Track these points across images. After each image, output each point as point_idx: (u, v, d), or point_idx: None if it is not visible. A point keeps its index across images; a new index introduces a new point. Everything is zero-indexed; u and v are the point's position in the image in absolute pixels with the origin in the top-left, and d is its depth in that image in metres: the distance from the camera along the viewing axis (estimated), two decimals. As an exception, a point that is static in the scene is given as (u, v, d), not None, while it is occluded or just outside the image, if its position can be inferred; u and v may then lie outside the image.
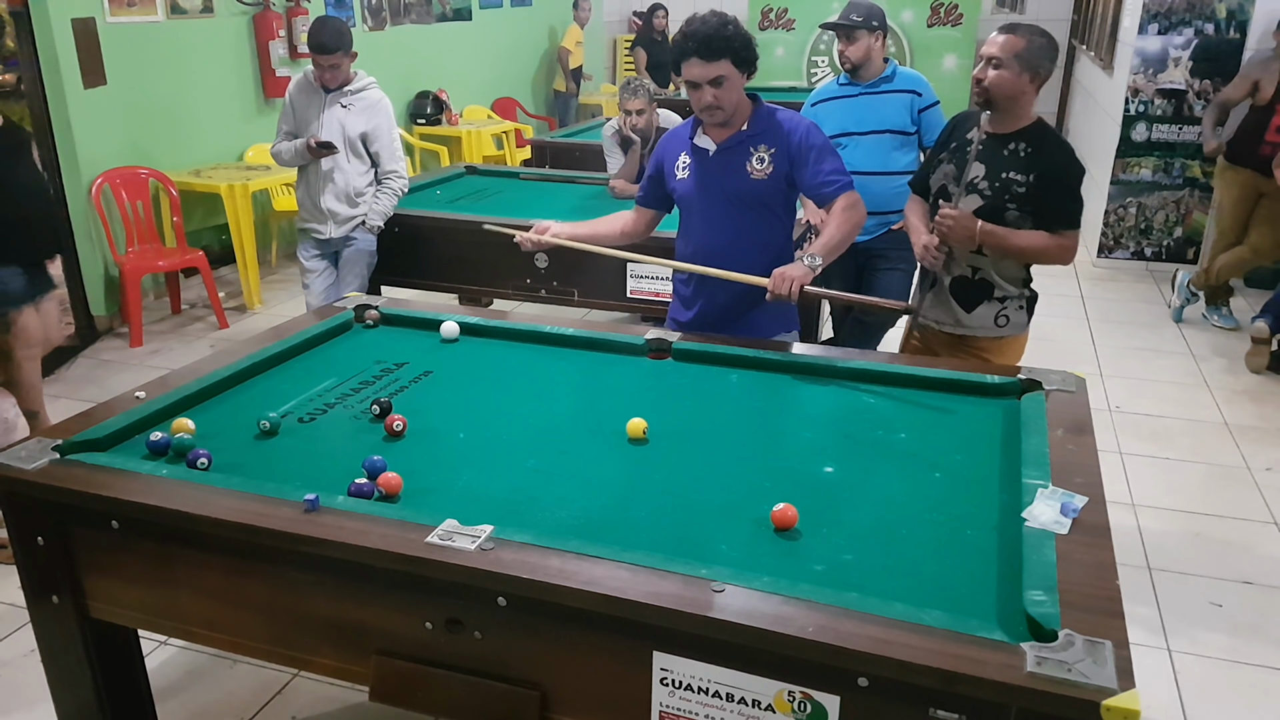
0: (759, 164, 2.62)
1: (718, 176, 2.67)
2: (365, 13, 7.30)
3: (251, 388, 2.39)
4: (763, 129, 2.64)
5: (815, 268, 2.51)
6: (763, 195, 2.64)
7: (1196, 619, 2.91)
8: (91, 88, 5.13)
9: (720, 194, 2.67)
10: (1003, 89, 2.70)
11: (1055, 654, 1.33)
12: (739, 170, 2.63)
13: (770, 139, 2.63)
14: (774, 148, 2.62)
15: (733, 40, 2.50)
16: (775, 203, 2.68)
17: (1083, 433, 2.04)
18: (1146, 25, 6.05)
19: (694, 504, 1.85)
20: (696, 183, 2.71)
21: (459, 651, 1.66)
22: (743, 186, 2.64)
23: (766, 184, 2.63)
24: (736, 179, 2.64)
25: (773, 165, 2.62)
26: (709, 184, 2.68)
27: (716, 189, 2.67)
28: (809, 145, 2.61)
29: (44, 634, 2.01)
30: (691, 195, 2.73)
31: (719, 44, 2.49)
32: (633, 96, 4.36)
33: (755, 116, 2.66)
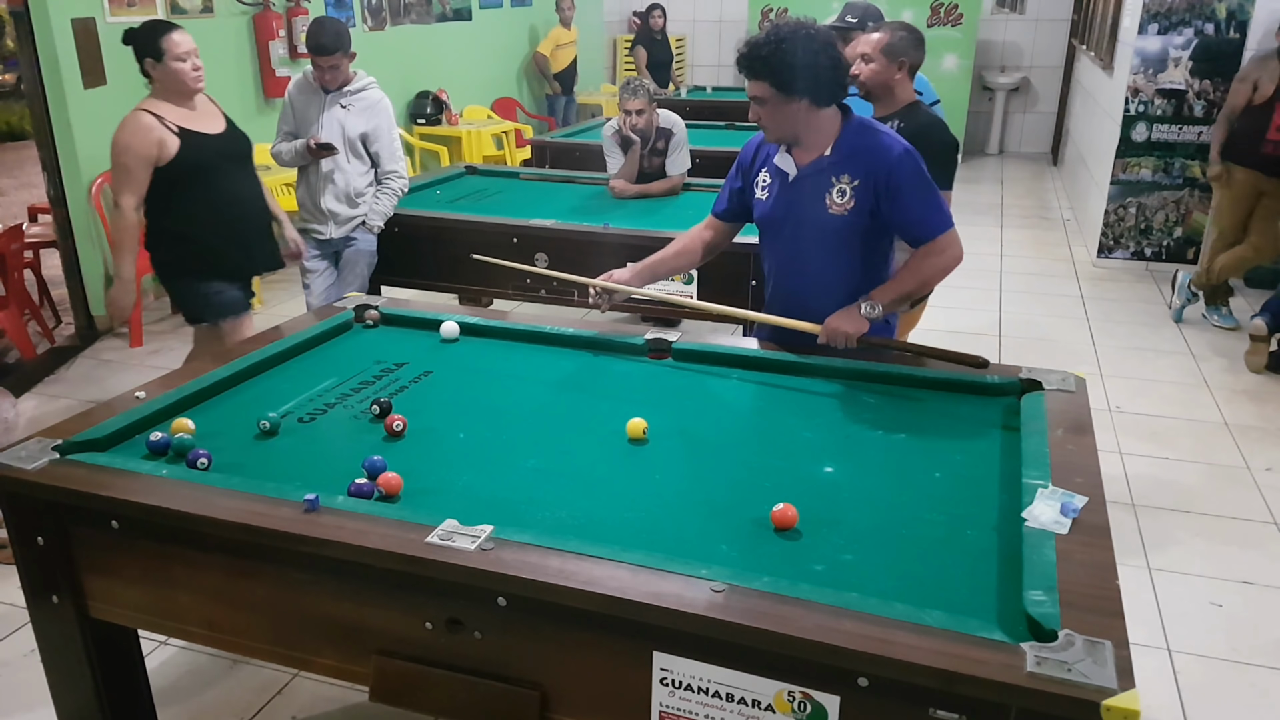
0: (839, 196, 2.36)
1: (796, 205, 2.43)
2: (365, 12, 7.31)
3: (251, 388, 2.39)
4: (849, 154, 2.35)
5: (873, 317, 2.31)
6: (842, 232, 2.39)
7: (1197, 619, 2.91)
8: (91, 88, 5.13)
9: (798, 224, 2.45)
10: (877, 79, 2.99)
11: (1055, 654, 1.33)
12: (818, 201, 2.38)
13: (857, 168, 2.34)
14: (858, 179, 2.33)
15: (769, 60, 2.24)
16: (856, 240, 2.41)
17: (1083, 432, 2.04)
18: (1146, 25, 6.05)
19: (694, 504, 1.85)
20: (775, 206, 2.48)
21: (459, 651, 1.66)
22: (820, 220, 2.39)
23: (847, 220, 2.37)
24: (814, 210, 2.39)
25: (854, 199, 2.34)
26: (788, 211, 2.45)
27: (794, 218, 2.45)
28: (899, 178, 2.31)
29: (44, 634, 2.01)
30: (770, 219, 2.52)
31: (756, 63, 2.27)
32: (633, 96, 4.36)
33: (842, 139, 2.36)
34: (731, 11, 11.17)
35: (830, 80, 2.28)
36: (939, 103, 3.86)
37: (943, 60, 9.69)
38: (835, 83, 2.30)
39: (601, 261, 3.83)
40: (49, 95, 5.01)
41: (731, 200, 2.66)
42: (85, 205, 5.15)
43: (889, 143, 2.35)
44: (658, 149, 4.55)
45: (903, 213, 2.33)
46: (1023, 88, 10.43)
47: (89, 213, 5.17)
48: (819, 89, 2.28)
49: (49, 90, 5.00)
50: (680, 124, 4.58)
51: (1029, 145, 10.66)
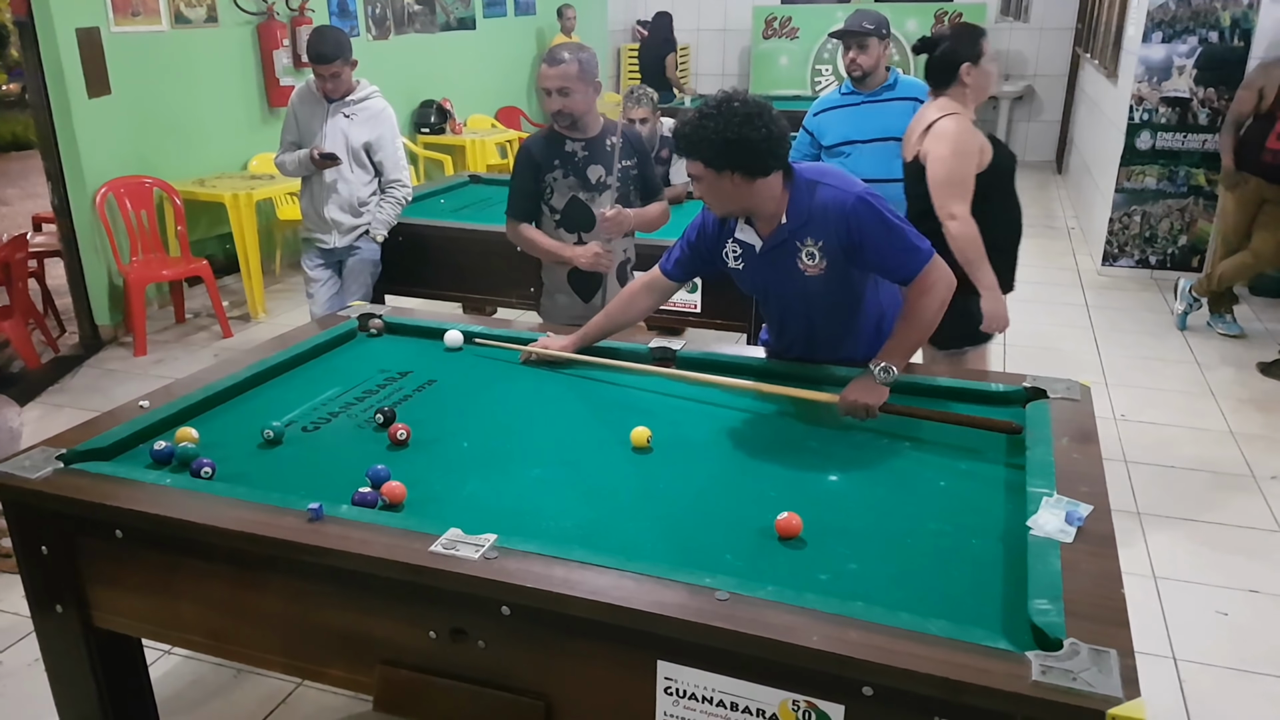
0: (810, 259, 2.31)
1: (772, 274, 2.40)
2: (369, 22, 7.33)
3: (255, 397, 2.39)
4: (806, 218, 2.28)
5: (890, 381, 2.23)
6: (828, 286, 2.35)
7: (1202, 628, 2.90)
8: (96, 97, 5.15)
9: (781, 291, 2.43)
10: (580, 107, 3.10)
11: (1060, 663, 1.33)
12: (791, 269, 2.35)
13: (816, 229, 2.28)
14: (821, 239, 2.28)
15: (692, 138, 2.19)
16: (845, 288, 2.37)
17: (1088, 441, 2.03)
18: (1151, 33, 6.06)
19: (698, 513, 1.85)
20: (753, 277, 2.45)
21: (463, 661, 1.66)
22: (801, 283, 2.36)
23: (825, 277, 2.33)
24: (791, 278, 2.37)
25: (825, 259, 2.30)
26: (767, 281, 2.44)
27: (776, 287, 2.43)
28: (861, 229, 2.23)
29: (48, 644, 2.01)
30: (754, 288, 2.50)
31: (683, 142, 2.22)
32: (636, 105, 4.37)
33: (793, 206, 2.29)
34: (736, 20, 11.21)
35: (763, 151, 2.17)
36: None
37: (946, 68, 9.69)
38: (768, 153, 2.18)
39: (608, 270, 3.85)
40: (53, 105, 5.03)
41: (688, 262, 2.55)
42: (89, 214, 5.17)
43: (840, 196, 2.26)
44: (661, 157, 4.55)
45: (877, 260, 2.28)
46: (1027, 96, 10.44)
47: (93, 222, 5.19)
48: (750, 161, 2.18)
49: (53, 100, 5.02)
50: (684, 133, 4.58)
51: (1033, 153, 10.66)
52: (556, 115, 3.10)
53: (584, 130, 3.16)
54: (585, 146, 3.17)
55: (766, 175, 2.22)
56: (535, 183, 3.19)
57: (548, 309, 3.41)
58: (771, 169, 2.22)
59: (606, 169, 3.15)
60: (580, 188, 3.18)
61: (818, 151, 3.92)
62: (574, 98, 3.06)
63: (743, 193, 2.24)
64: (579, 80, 3.04)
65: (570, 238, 3.22)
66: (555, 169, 3.17)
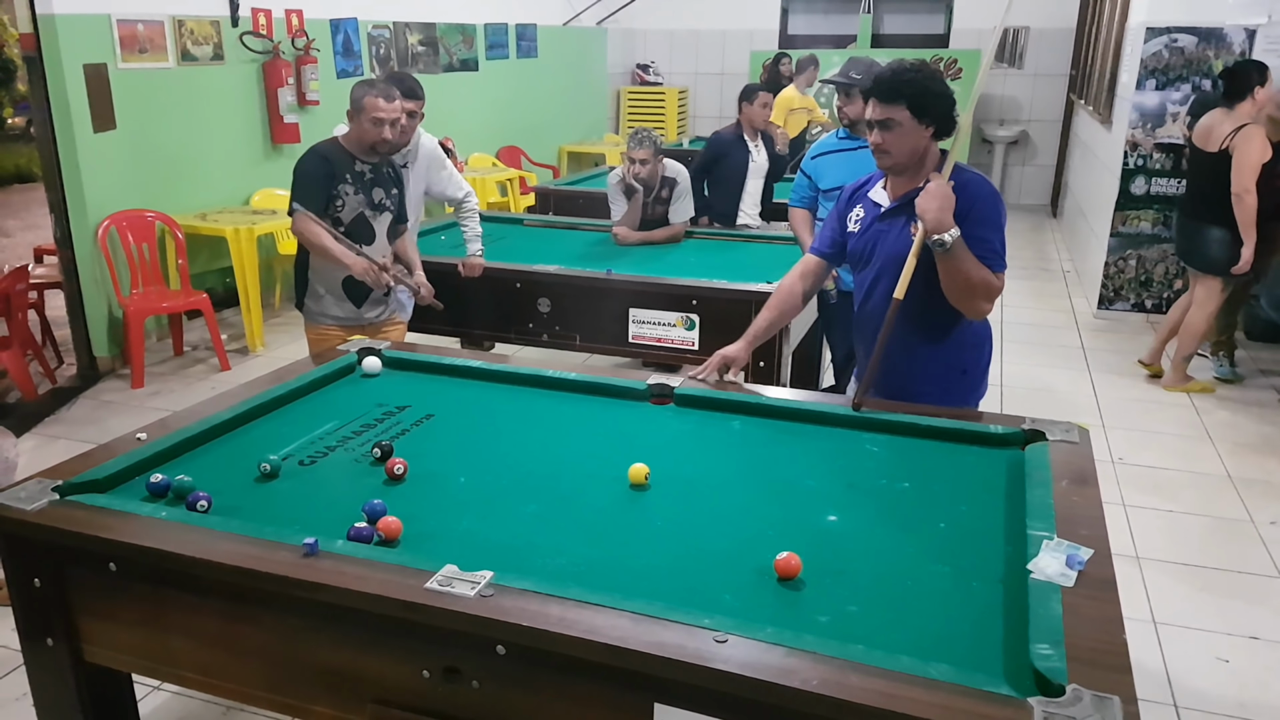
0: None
1: (884, 234, 2.53)
2: (374, 62, 7.42)
3: (252, 430, 2.38)
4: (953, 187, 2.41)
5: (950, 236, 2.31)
6: (926, 261, 2.41)
7: (1203, 674, 2.87)
8: (101, 132, 5.20)
9: (883, 252, 2.53)
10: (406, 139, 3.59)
11: (1063, 709, 1.31)
12: (904, 230, 2.48)
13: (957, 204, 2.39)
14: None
15: (912, 85, 2.38)
16: (933, 270, 2.43)
17: (1087, 484, 2.03)
18: (1144, 81, 6.14)
19: (696, 552, 1.83)
20: (864, 237, 2.59)
21: (456, 701, 1.64)
22: (904, 247, 2.45)
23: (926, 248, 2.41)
24: (900, 239, 2.48)
25: None
26: (874, 243, 2.55)
27: (880, 246, 2.54)
28: (980, 206, 2.42)
29: (37, 678, 1.98)
30: (857, 250, 2.61)
31: (899, 86, 2.39)
32: (638, 146, 4.42)
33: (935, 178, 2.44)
34: (732, 64, 11.35)
35: (949, 117, 2.44)
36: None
37: (942, 113, 9.80)
38: (951, 120, 2.45)
39: (604, 306, 3.88)
40: (59, 138, 5.07)
41: (833, 240, 2.73)
42: (91, 247, 5.19)
43: (979, 181, 2.48)
44: (662, 197, 4.59)
45: (970, 232, 2.38)
46: (1021, 140, 10.55)
47: (94, 254, 5.20)
48: (942, 121, 2.44)
49: (59, 133, 5.06)
50: (684, 173, 4.63)
51: (1028, 197, 10.75)
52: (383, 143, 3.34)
53: (381, 154, 3.42)
54: (373, 170, 3.44)
55: (944, 138, 2.45)
56: (328, 187, 3.32)
57: (311, 309, 3.54)
58: (946, 133, 2.46)
59: (390, 198, 3.48)
60: (366, 207, 3.43)
61: (815, 194, 3.95)
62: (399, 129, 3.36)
63: (920, 147, 2.45)
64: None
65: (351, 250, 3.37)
66: (347, 183, 3.37)
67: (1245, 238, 4.61)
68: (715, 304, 3.73)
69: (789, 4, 11.16)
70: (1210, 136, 4.79)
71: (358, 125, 3.34)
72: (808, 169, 3.98)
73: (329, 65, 6.87)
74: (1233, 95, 4.73)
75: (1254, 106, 4.64)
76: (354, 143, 3.38)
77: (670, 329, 3.83)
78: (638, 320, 3.87)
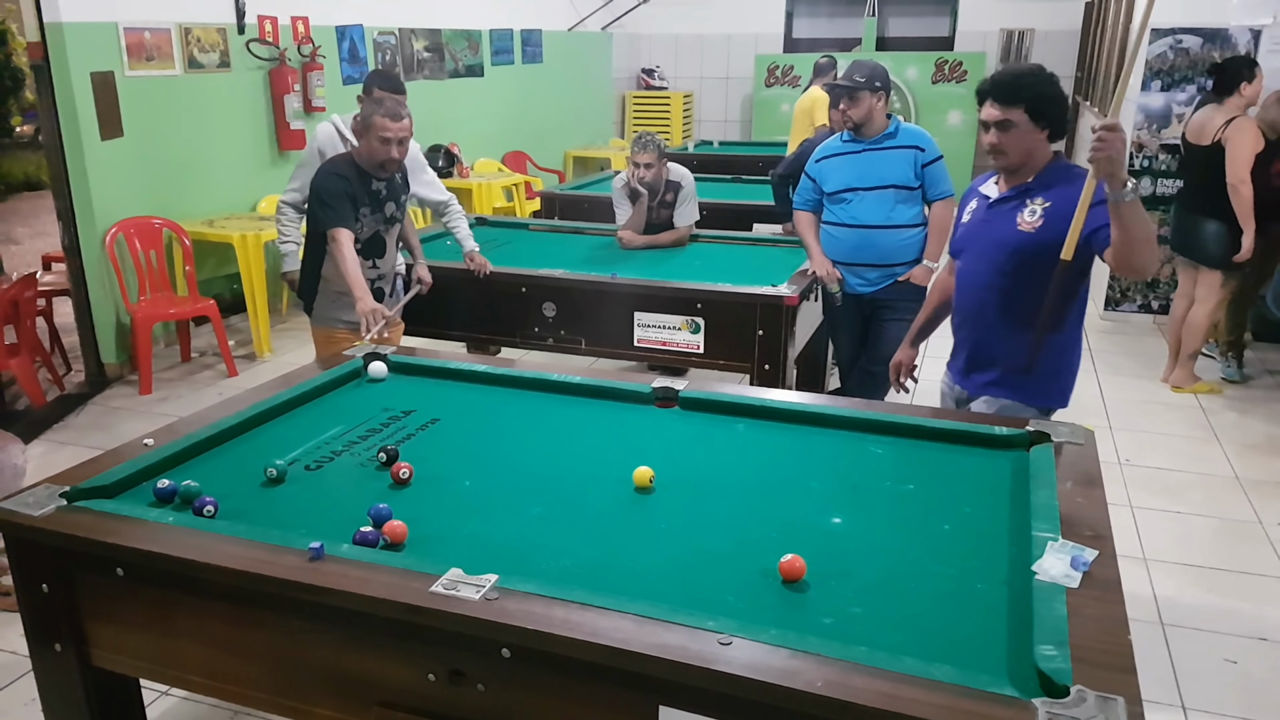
0: (1030, 216, 2.51)
1: (990, 223, 2.62)
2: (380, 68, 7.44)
3: (259, 435, 2.39)
4: (1049, 183, 2.53)
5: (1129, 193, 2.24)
6: (1029, 248, 2.50)
7: (1210, 676, 2.86)
8: (108, 139, 5.22)
9: (985, 244, 2.62)
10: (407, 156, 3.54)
11: (1067, 710, 1.31)
12: (1009, 220, 2.55)
13: (1052, 194, 2.50)
14: (1050, 201, 2.50)
15: (1032, 88, 2.47)
16: (1034, 262, 2.49)
17: (1092, 485, 2.03)
18: (1150, 82, 6.13)
19: (700, 554, 1.84)
20: (971, 227, 2.71)
21: (461, 704, 1.64)
22: (1007, 236, 2.54)
23: (1032, 237, 2.49)
24: (1005, 228, 2.56)
25: (1044, 219, 2.49)
26: (980, 232, 2.66)
27: (984, 238, 2.63)
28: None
29: (45, 683, 1.99)
30: (963, 241, 2.74)
31: (1019, 89, 2.47)
32: (643, 150, 4.43)
33: (1046, 171, 2.56)
34: (738, 69, 11.35)
35: (1063, 119, 2.51)
36: (942, 158, 3.92)
37: (947, 116, 9.81)
38: (1064, 122, 2.51)
39: (609, 310, 3.88)
40: (66, 146, 5.10)
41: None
42: (99, 254, 5.21)
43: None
44: (666, 201, 4.60)
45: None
46: (1027, 143, 10.53)
47: (102, 261, 5.23)
48: (1056, 124, 2.51)
49: (66, 141, 5.09)
50: (689, 177, 4.64)
51: (1034, 199, 10.71)
52: (390, 162, 3.39)
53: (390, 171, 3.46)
54: (386, 185, 3.50)
55: (1057, 139, 2.53)
56: (355, 209, 3.40)
57: (320, 312, 3.60)
58: (1059, 135, 2.53)
59: (398, 205, 3.59)
60: (381, 223, 3.53)
61: (820, 197, 3.96)
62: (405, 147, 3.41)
63: (1035, 149, 2.53)
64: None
65: (365, 264, 3.48)
66: (365, 205, 3.44)
67: (1245, 227, 4.69)
68: (720, 307, 3.73)
69: (793, 8, 11.16)
70: (1203, 131, 4.89)
71: (367, 142, 3.36)
72: (812, 172, 3.98)
73: (335, 72, 6.90)
74: (1222, 90, 4.86)
75: (1242, 101, 4.79)
76: (365, 159, 3.41)
77: (675, 332, 3.83)
78: (643, 324, 3.88)
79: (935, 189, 3.84)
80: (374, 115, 3.31)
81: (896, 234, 3.84)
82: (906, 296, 3.91)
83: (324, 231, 3.35)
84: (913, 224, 3.86)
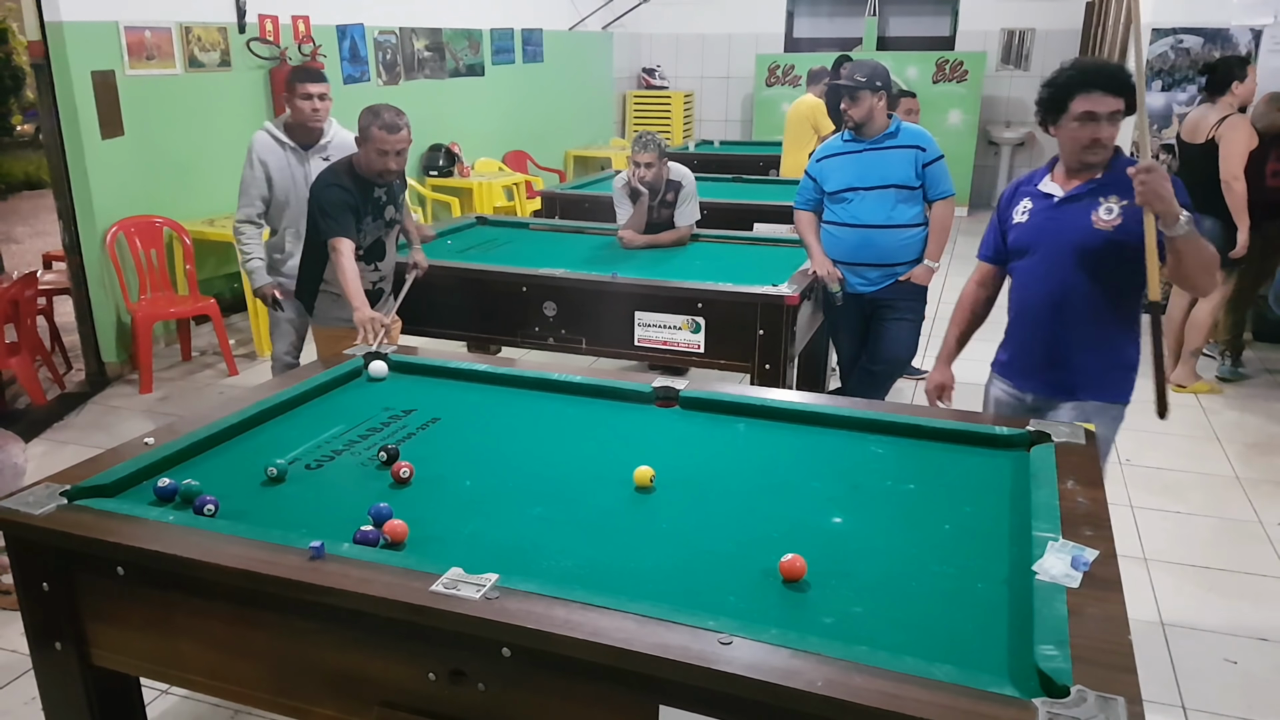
0: (1107, 214, 2.45)
1: (1059, 222, 2.54)
2: (380, 68, 7.44)
3: (259, 434, 2.39)
4: (1119, 179, 2.45)
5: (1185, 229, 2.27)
6: (1107, 247, 2.46)
7: (1211, 676, 2.86)
8: (109, 138, 5.22)
9: (1058, 244, 2.53)
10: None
11: (1068, 710, 1.31)
12: (1084, 219, 2.48)
13: (1126, 190, 2.40)
14: (1127, 199, 2.42)
15: (1129, 81, 2.42)
16: (1114, 261, 2.47)
17: (1093, 485, 2.03)
18: (1150, 82, 6.13)
19: (701, 554, 1.84)
20: (1034, 227, 2.60)
21: (462, 703, 1.64)
22: (1084, 236, 2.47)
23: (1111, 236, 2.45)
24: (1079, 227, 2.49)
25: (1122, 217, 2.44)
26: (1047, 232, 2.56)
27: (1055, 238, 2.54)
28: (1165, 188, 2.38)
29: (45, 682, 1.99)
30: (1027, 241, 2.62)
31: (1125, 82, 2.41)
32: (643, 150, 4.42)
33: (1113, 165, 2.51)
34: (739, 68, 11.35)
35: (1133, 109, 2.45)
36: (943, 158, 3.92)
37: (948, 116, 9.81)
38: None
39: (610, 310, 3.88)
40: (67, 145, 5.10)
41: (996, 244, 2.77)
42: (99, 253, 5.21)
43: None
44: (667, 200, 4.60)
45: None
46: (1028, 142, 10.53)
47: (103, 260, 5.23)
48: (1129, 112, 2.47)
49: (67, 140, 5.09)
50: (689, 176, 4.64)
51: (1035, 199, 10.71)
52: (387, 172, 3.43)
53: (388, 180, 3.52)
54: (385, 191, 3.56)
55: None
56: (359, 219, 3.44)
57: (321, 311, 3.66)
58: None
59: (396, 208, 3.64)
60: (382, 228, 3.60)
61: (821, 197, 3.96)
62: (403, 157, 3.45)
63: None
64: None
65: (367, 268, 3.57)
66: (368, 214, 3.49)
67: (1239, 223, 4.74)
68: (721, 307, 3.73)
69: (794, 7, 11.16)
70: (1197, 129, 4.96)
71: (365, 153, 3.39)
72: (813, 171, 3.98)
73: (336, 71, 6.89)
74: (1214, 89, 4.95)
75: (1235, 100, 4.88)
76: (364, 168, 3.44)
77: (676, 332, 3.83)
78: (643, 323, 3.88)
79: (936, 189, 3.84)
80: (371, 128, 3.32)
81: (897, 234, 3.84)
82: (907, 296, 3.92)
83: (324, 240, 3.38)
84: (913, 224, 3.86)
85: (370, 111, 3.36)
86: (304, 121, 3.96)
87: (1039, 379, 2.68)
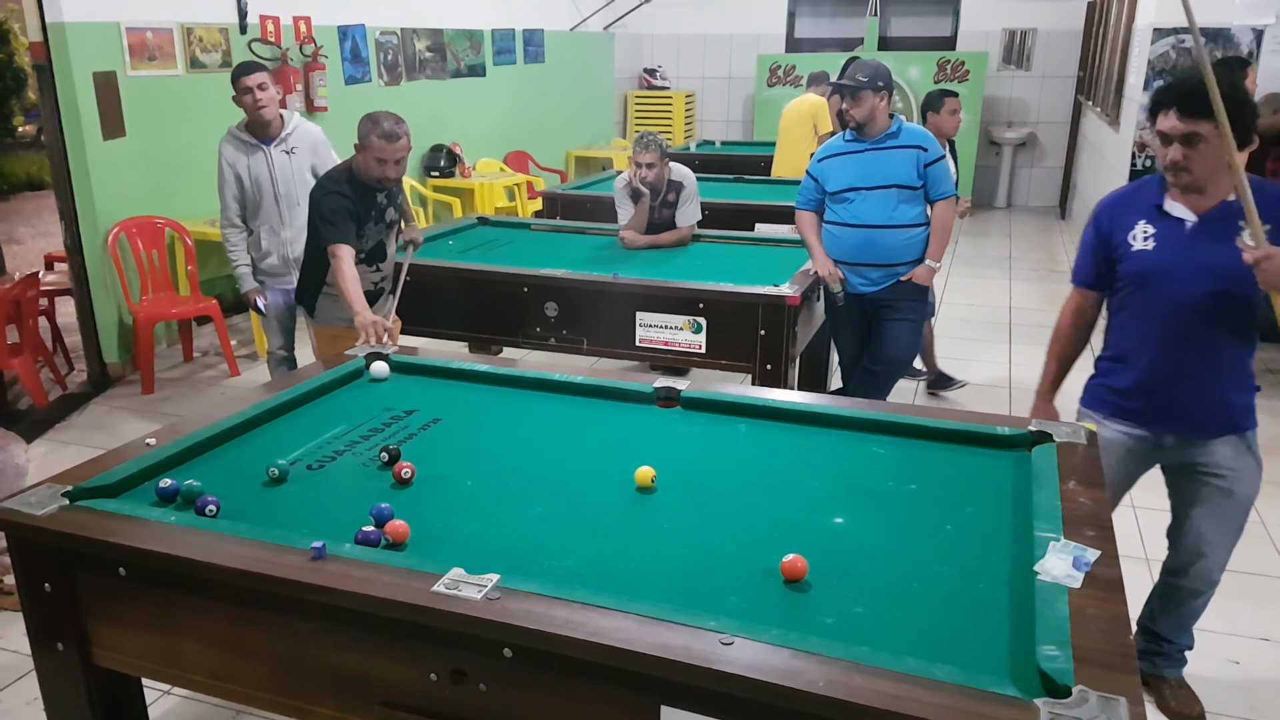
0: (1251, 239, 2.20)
1: (1200, 250, 2.32)
2: (381, 68, 7.45)
3: (261, 435, 2.40)
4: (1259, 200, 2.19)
5: None
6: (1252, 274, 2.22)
7: (1213, 676, 2.86)
8: (111, 139, 5.23)
9: (1202, 270, 2.33)
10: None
11: (1069, 710, 1.31)
12: (1228, 245, 2.24)
13: (1268, 213, 2.19)
14: (1269, 224, 2.18)
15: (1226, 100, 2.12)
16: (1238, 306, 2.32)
17: (1094, 485, 2.02)
18: (1151, 81, 6.12)
19: (702, 554, 1.84)
20: (1169, 255, 2.37)
21: (463, 704, 1.64)
22: (1232, 263, 2.22)
23: None
24: (1224, 254, 2.25)
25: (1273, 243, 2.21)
26: (1188, 257, 2.34)
27: (1196, 263, 2.33)
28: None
29: (47, 682, 1.99)
30: (1159, 269, 2.39)
31: (1198, 102, 2.16)
32: (645, 150, 4.43)
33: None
34: (740, 69, 11.36)
35: (1250, 129, 2.25)
36: (944, 158, 3.91)
37: (950, 115, 9.79)
38: (1251, 131, 2.26)
39: (611, 310, 3.88)
40: (69, 146, 5.10)
41: (1092, 266, 2.57)
42: (101, 253, 5.22)
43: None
44: (668, 201, 4.60)
45: None
46: (1030, 142, 10.53)
47: (105, 261, 5.23)
48: (1249, 128, 2.25)
49: (69, 141, 5.10)
50: (691, 177, 4.64)
51: (1036, 199, 10.72)
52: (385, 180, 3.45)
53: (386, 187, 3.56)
54: (386, 195, 3.61)
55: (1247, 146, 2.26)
56: (359, 226, 3.48)
57: (322, 311, 3.70)
58: (1245, 144, 2.24)
59: (396, 209, 3.71)
60: (383, 230, 3.65)
61: (822, 197, 3.96)
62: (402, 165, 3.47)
63: (1222, 160, 2.21)
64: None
65: (369, 269, 3.63)
66: (370, 219, 3.53)
67: None
68: (722, 307, 3.73)
69: (795, 8, 11.16)
70: None
71: (364, 160, 3.41)
72: (814, 171, 3.98)
73: (337, 72, 6.90)
74: None
75: None
76: (363, 174, 3.46)
77: (677, 332, 3.83)
78: (645, 324, 3.88)
79: (937, 189, 3.84)
80: (370, 135, 3.33)
81: (899, 234, 3.84)
82: (909, 296, 3.91)
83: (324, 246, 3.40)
84: (915, 224, 3.86)
85: (370, 119, 3.36)
86: (252, 115, 4.09)
87: (1188, 419, 2.50)
